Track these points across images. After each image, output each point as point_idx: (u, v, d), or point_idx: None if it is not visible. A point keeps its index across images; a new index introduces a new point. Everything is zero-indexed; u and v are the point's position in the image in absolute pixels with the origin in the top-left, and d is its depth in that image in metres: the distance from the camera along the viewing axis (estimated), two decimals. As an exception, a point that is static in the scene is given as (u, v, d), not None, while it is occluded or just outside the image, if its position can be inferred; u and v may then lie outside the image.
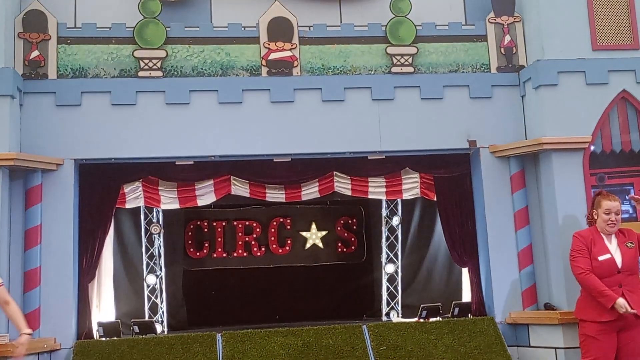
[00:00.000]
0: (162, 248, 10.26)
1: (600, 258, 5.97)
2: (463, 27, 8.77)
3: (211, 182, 8.96)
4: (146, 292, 9.99)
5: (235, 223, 11.64)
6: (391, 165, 9.01)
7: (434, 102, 8.54)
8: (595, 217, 6.24)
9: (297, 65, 8.40)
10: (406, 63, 8.56)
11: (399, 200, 10.74)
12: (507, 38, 8.70)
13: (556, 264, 7.81)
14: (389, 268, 10.99)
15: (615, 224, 6.03)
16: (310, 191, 9.27)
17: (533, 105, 8.36)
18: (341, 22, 8.70)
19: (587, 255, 6.08)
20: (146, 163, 8.39)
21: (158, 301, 10.02)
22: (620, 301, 5.82)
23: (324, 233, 11.92)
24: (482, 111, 8.57)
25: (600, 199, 6.33)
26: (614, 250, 5.98)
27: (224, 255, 11.58)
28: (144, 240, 10.14)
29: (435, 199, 9.38)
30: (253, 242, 11.67)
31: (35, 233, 7.66)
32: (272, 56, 8.39)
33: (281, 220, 11.74)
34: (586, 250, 6.10)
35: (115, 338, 7.87)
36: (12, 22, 7.92)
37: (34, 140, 7.83)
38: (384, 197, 10.18)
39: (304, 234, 11.87)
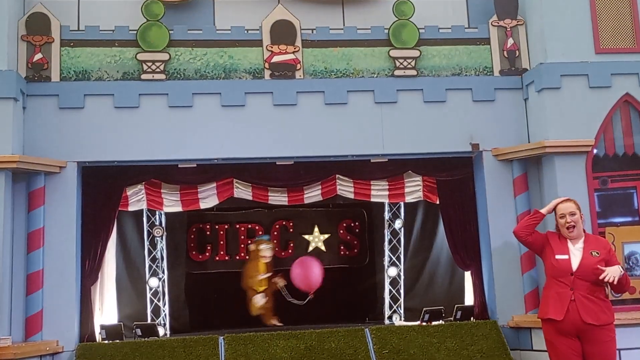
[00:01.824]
0: (165, 251, 10.25)
1: (558, 257, 5.89)
2: (466, 30, 8.77)
3: (214, 185, 8.97)
4: (149, 295, 9.99)
5: (237, 226, 11.62)
6: (394, 168, 9.01)
7: (437, 105, 8.55)
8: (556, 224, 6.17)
9: (300, 68, 8.41)
10: (409, 66, 8.56)
11: (402, 203, 10.72)
12: (510, 41, 8.71)
13: (559, 268, 7.79)
14: (392, 271, 10.97)
15: (573, 226, 5.94)
16: (313, 194, 9.27)
17: (536, 109, 8.36)
18: (344, 25, 8.71)
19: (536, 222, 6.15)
20: (149, 166, 8.40)
21: (160, 304, 10.02)
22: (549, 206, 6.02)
23: (326, 236, 11.89)
24: (485, 114, 8.57)
25: (557, 204, 6.20)
26: (573, 253, 5.92)
27: (227, 258, 11.55)
28: (146, 243, 10.13)
29: (437, 202, 9.37)
30: (255, 245, 11.66)
31: (38, 236, 7.67)
32: (275, 59, 8.39)
33: (284, 223, 11.71)
34: (544, 238, 6.03)
35: (117, 341, 7.87)
36: (16, 24, 7.94)
37: (37, 142, 7.84)
38: (386, 200, 10.16)
39: (306, 237, 11.84)
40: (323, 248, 11.82)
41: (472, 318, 8.57)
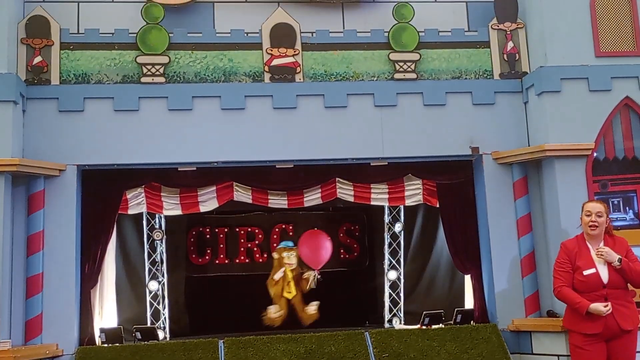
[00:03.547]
0: (165, 254, 10.23)
1: (585, 273, 5.92)
2: (466, 33, 8.77)
3: (213, 188, 8.95)
4: (148, 299, 9.97)
5: (237, 229, 11.61)
6: (394, 172, 8.99)
7: (437, 108, 8.54)
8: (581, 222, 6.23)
9: (299, 72, 8.41)
10: (409, 69, 8.56)
11: (402, 206, 10.71)
12: (510, 44, 8.70)
13: (559, 271, 7.78)
14: (392, 274, 10.95)
15: (596, 226, 5.98)
16: (312, 197, 9.25)
17: (536, 112, 8.35)
18: (344, 28, 8.71)
19: (568, 269, 6.02)
20: (149, 169, 8.39)
21: (160, 307, 10.00)
22: (593, 306, 5.79)
23: (326, 239, 11.88)
24: (485, 118, 8.57)
25: (584, 202, 6.31)
26: (600, 264, 5.94)
27: (227, 261, 11.54)
28: (146, 246, 10.11)
29: (437, 206, 9.36)
30: (255, 249, 11.64)
31: (37, 239, 7.66)
32: (275, 62, 8.39)
33: (283, 226, 11.70)
34: (569, 263, 6.03)
35: (117, 344, 7.85)
36: (15, 27, 7.94)
37: (36, 146, 7.84)
38: (386, 204, 10.14)
39: (306, 240, 11.83)
40: (323, 251, 11.80)
41: (472, 322, 8.55)
